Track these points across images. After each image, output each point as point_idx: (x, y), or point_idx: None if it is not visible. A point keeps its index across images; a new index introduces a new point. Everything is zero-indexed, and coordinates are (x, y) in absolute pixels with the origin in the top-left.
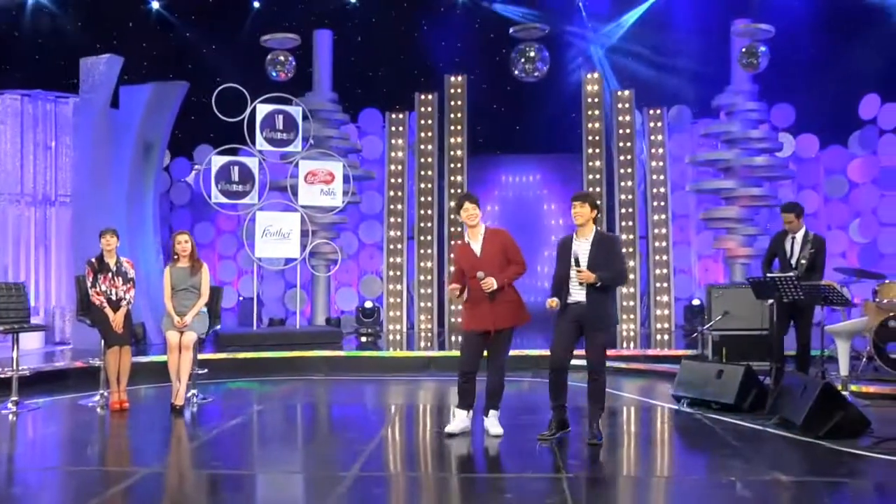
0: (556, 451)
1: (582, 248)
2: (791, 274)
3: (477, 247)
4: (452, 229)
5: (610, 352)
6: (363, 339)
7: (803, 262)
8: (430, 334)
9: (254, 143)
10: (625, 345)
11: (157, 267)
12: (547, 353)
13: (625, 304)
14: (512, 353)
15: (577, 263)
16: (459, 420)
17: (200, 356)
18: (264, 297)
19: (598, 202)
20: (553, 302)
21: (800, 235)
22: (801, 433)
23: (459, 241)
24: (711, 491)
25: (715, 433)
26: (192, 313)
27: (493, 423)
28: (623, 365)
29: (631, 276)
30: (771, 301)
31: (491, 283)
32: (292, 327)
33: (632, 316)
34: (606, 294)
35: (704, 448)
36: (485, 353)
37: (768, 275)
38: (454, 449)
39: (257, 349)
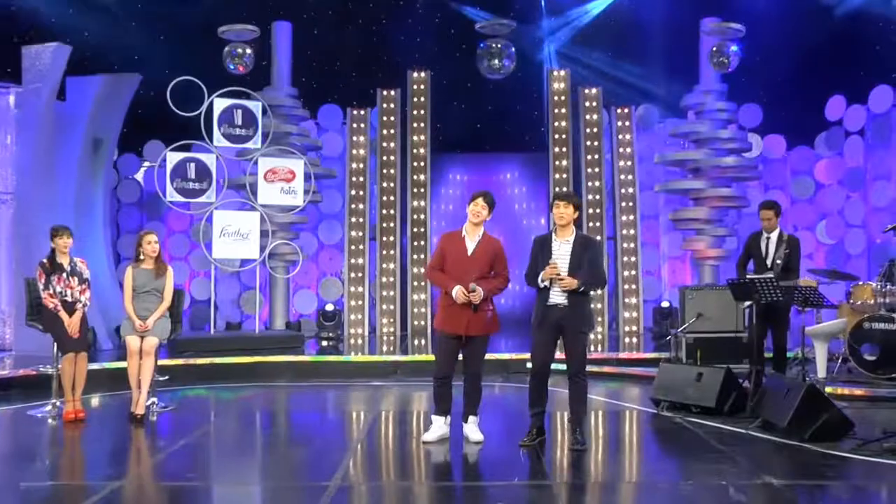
0: (540, 458)
1: (562, 250)
2: (770, 275)
3: (471, 245)
4: (415, 229)
5: None
6: (324, 343)
7: (778, 262)
8: (392, 338)
9: (211, 138)
10: (594, 348)
11: (107, 269)
12: (517, 356)
13: (591, 305)
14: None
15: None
16: (437, 427)
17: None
18: (218, 300)
19: (580, 203)
20: (553, 268)
21: (774, 236)
22: (786, 435)
23: (452, 231)
24: (706, 494)
25: (698, 437)
26: (155, 317)
27: (472, 430)
28: (595, 368)
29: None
30: (748, 303)
31: (480, 295)
32: (251, 331)
33: (599, 318)
34: (586, 297)
35: (690, 452)
36: (459, 357)
37: (747, 276)
38: (434, 457)
39: (215, 354)
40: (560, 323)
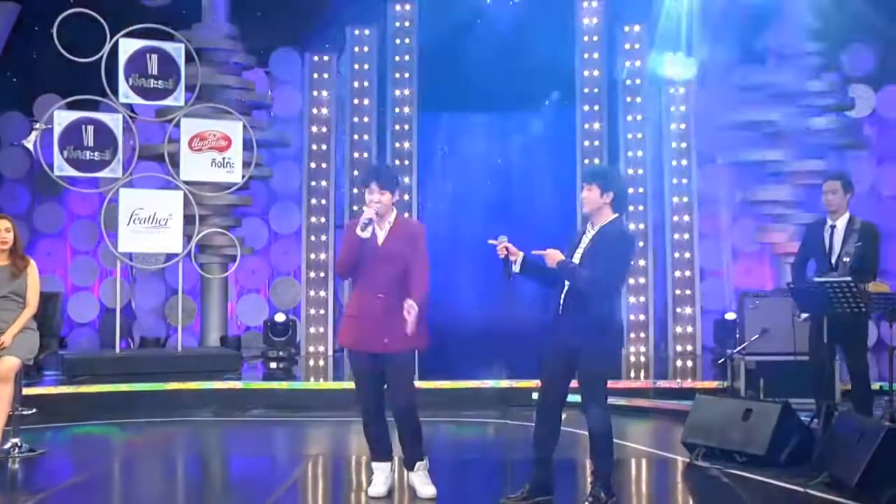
0: None
1: (585, 240)
2: (848, 278)
3: (381, 233)
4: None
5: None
6: (273, 364)
7: (846, 259)
8: None
9: (116, 93)
10: (632, 374)
11: None
12: (520, 384)
13: (632, 318)
14: (473, 385)
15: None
16: (382, 478)
17: (33, 390)
18: (137, 308)
19: (614, 182)
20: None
21: (842, 223)
22: (856, 497)
23: (356, 219)
24: None
25: (738, 497)
26: (14, 330)
27: (421, 481)
28: (623, 402)
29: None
30: (806, 315)
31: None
32: (172, 349)
33: (642, 335)
34: (589, 302)
35: None
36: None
37: (816, 279)
38: None
39: (119, 379)
40: (565, 339)
